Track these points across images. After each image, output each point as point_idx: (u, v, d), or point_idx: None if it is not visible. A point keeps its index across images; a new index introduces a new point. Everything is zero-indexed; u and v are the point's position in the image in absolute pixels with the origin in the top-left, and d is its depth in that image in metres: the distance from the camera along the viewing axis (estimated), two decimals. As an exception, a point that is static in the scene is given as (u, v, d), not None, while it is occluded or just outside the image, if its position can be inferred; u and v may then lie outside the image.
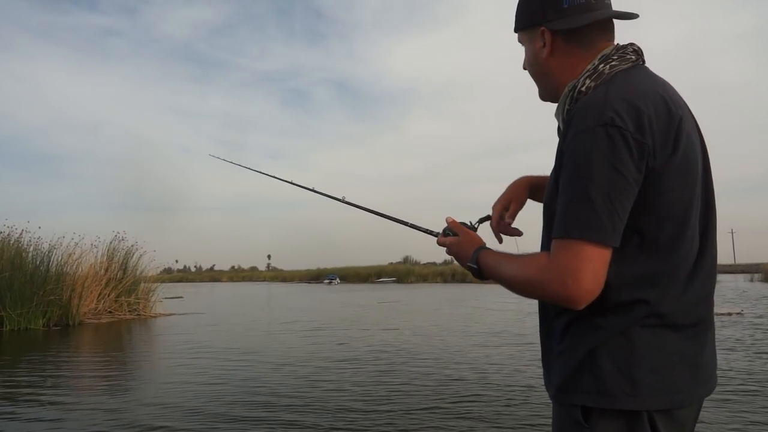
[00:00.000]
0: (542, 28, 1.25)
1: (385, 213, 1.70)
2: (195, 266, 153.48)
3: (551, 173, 1.23)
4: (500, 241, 1.47)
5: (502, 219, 1.48)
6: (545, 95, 1.35)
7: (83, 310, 15.19)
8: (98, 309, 16.15)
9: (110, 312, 16.53)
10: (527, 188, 1.51)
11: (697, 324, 1.17)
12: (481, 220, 1.49)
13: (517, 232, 1.49)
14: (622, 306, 1.11)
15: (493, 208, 1.50)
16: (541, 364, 1.31)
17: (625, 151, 1.05)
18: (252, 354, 8.99)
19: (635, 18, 1.25)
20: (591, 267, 1.05)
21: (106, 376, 7.64)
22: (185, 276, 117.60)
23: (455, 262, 1.38)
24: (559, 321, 1.20)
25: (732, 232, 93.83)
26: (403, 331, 12.05)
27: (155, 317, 17.11)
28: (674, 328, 1.13)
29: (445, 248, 1.41)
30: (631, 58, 1.20)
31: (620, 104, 1.08)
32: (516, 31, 1.35)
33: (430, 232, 1.51)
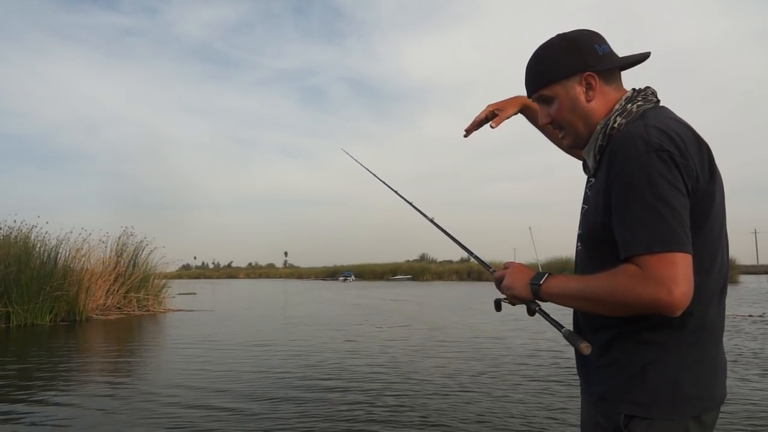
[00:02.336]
0: (587, 73, 1.34)
1: (461, 242, 1.83)
2: (213, 263, 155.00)
3: (587, 206, 1.35)
4: (468, 132, 1.85)
5: (489, 120, 1.81)
6: (581, 141, 1.41)
7: (91, 305, 15.13)
8: (107, 305, 16.10)
9: (119, 308, 16.47)
10: (520, 105, 1.82)
11: (720, 335, 1.30)
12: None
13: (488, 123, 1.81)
14: (673, 321, 1.20)
15: (487, 106, 1.81)
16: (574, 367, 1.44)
17: (677, 172, 1.16)
18: (251, 348, 8.86)
19: (648, 58, 1.38)
20: (684, 272, 1.12)
21: (109, 371, 7.58)
22: (203, 272, 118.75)
23: (471, 260, 1.57)
24: (603, 334, 1.29)
25: (755, 233, 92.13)
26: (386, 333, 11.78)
27: (164, 313, 17.02)
28: (712, 341, 1.27)
29: (497, 282, 1.47)
30: (653, 99, 1.34)
31: (662, 133, 1.19)
32: (547, 85, 1.40)
33: (487, 267, 1.65)
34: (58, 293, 13.92)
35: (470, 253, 1.78)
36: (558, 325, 1.35)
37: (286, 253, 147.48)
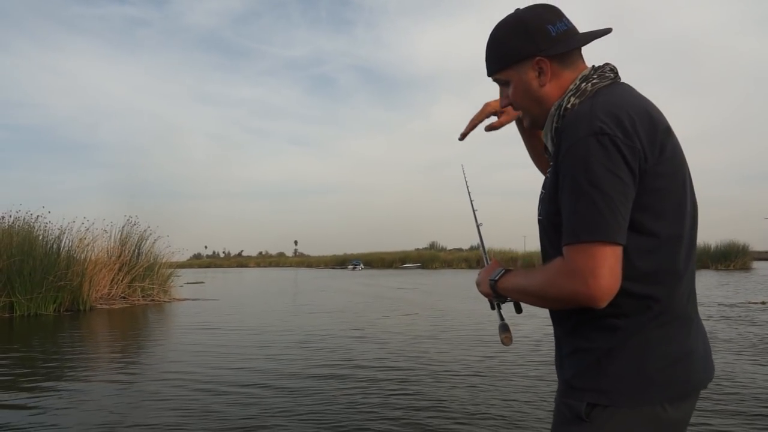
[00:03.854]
0: (538, 57, 1.29)
1: (482, 241, 1.77)
2: (223, 252, 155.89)
3: (544, 190, 1.31)
4: (463, 136, 1.67)
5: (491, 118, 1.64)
6: (539, 121, 1.38)
7: (95, 295, 15.13)
8: (111, 294, 16.10)
9: (123, 297, 16.47)
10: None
11: (691, 317, 1.26)
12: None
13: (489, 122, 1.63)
14: (635, 305, 1.17)
15: (484, 105, 1.64)
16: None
17: (617, 156, 1.12)
18: (251, 336, 8.81)
19: (609, 33, 1.33)
20: (607, 264, 1.09)
21: (111, 360, 7.58)
22: (213, 261, 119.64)
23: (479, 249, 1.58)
24: (570, 321, 1.26)
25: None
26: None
27: (169, 302, 17.03)
28: (678, 324, 1.21)
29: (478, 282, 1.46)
30: (609, 76, 1.29)
31: (606, 114, 1.15)
32: (501, 69, 1.36)
33: (487, 262, 1.55)
34: (61, 283, 13.91)
35: (485, 256, 1.65)
36: (500, 317, 1.45)
37: (296, 242, 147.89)
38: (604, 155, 1.12)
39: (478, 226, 1.80)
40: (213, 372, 6.44)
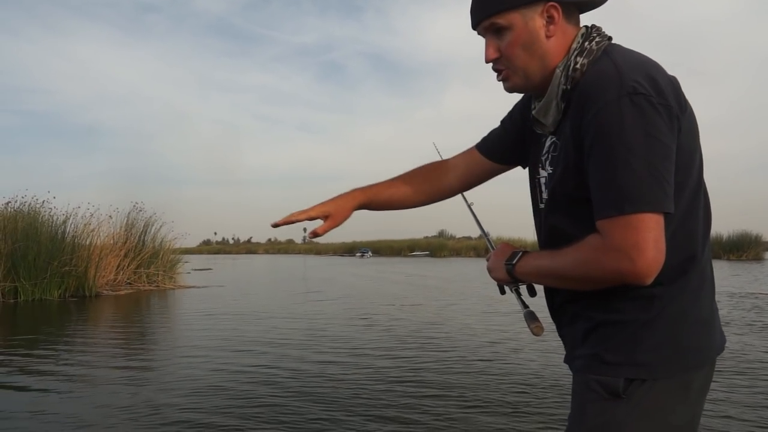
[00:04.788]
0: (551, 2, 1.15)
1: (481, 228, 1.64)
2: (233, 238, 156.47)
3: (552, 168, 1.21)
4: (277, 225, 1.41)
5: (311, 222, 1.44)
6: (533, 82, 1.22)
7: (100, 281, 15.11)
8: (117, 280, 16.09)
9: (129, 283, 16.47)
10: (354, 207, 1.48)
11: (712, 282, 1.20)
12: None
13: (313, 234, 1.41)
14: (673, 271, 1.09)
15: (312, 208, 1.42)
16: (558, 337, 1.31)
17: (656, 116, 1.02)
18: (254, 326, 8.74)
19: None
20: (652, 237, 1.01)
21: (115, 346, 7.55)
22: (223, 248, 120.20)
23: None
24: (595, 293, 1.13)
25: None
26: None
27: (174, 289, 17.00)
28: (707, 286, 1.17)
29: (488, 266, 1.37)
30: (606, 35, 1.18)
31: (634, 72, 1.05)
32: (503, 11, 1.16)
33: (492, 247, 1.45)
34: (66, 268, 13.88)
35: (488, 240, 1.55)
36: (523, 305, 1.32)
37: (305, 229, 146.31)
38: (640, 117, 1.01)
39: (469, 205, 1.63)
40: (217, 354, 6.55)
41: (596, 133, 1.05)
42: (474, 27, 1.25)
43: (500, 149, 1.47)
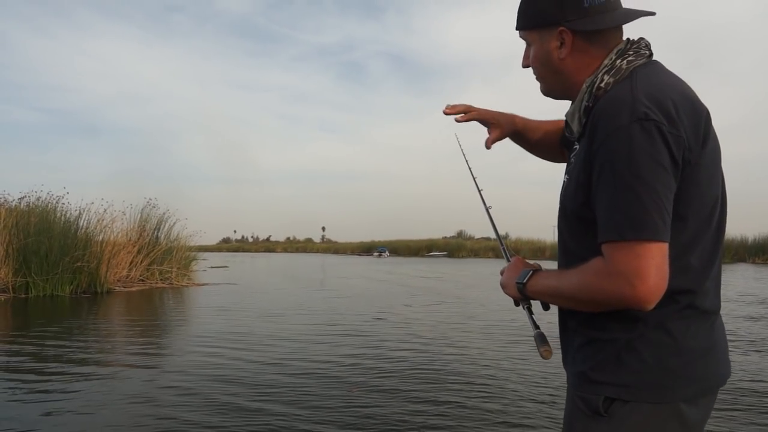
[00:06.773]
0: (561, 28, 1.20)
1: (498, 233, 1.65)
2: (252, 236, 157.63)
3: (569, 176, 1.23)
4: (451, 109, 1.56)
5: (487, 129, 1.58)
6: (554, 92, 1.31)
7: (112, 277, 15.05)
8: (129, 277, 16.04)
9: (142, 280, 16.41)
10: (513, 130, 1.57)
11: (716, 312, 1.20)
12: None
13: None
14: (663, 297, 1.07)
15: (485, 109, 1.56)
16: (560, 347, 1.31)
17: (663, 145, 1.03)
18: (266, 325, 8.60)
19: (653, 15, 1.21)
20: (654, 264, 1.02)
21: (126, 344, 7.51)
22: (242, 246, 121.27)
23: (508, 238, 1.17)
24: (586, 311, 1.17)
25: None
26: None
27: (187, 287, 16.90)
28: (702, 318, 1.15)
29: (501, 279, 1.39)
30: (645, 53, 1.19)
31: (649, 98, 1.06)
32: (524, 29, 1.29)
33: (507, 257, 1.45)
34: (78, 264, 13.83)
35: (503, 249, 1.55)
36: (534, 325, 1.31)
37: (323, 228, 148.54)
38: (649, 144, 1.03)
39: (487, 209, 1.67)
40: (230, 352, 6.58)
41: (605, 157, 1.06)
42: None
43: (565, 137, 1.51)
